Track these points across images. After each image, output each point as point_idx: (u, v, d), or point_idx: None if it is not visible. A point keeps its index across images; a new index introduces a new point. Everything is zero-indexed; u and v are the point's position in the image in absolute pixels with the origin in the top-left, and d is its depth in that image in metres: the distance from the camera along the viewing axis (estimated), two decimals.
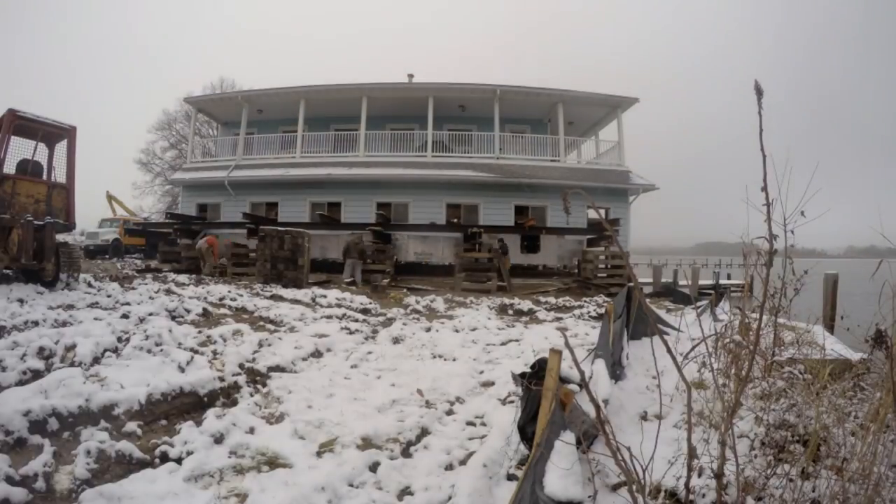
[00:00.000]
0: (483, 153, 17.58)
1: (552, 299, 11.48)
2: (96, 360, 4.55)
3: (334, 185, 17.20)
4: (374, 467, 3.37)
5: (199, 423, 3.87)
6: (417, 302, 10.23)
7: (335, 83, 17.95)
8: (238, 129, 18.74)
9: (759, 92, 1.92)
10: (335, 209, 17.39)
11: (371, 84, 17.74)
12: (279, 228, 12.59)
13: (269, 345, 6.08)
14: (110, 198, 25.80)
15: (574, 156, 20.78)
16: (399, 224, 16.07)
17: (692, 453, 2.10)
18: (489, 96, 17.35)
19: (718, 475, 2.08)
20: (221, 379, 4.69)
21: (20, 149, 7.76)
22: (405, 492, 3.15)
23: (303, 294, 9.98)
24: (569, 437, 2.36)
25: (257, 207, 17.69)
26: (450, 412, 4.51)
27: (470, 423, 4.22)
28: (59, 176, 8.12)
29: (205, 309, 7.29)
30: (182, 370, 4.61)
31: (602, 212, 17.40)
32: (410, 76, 19.59)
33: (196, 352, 5.21)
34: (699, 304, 8.24)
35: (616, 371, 4.30)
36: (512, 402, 4.53)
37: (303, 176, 17.12)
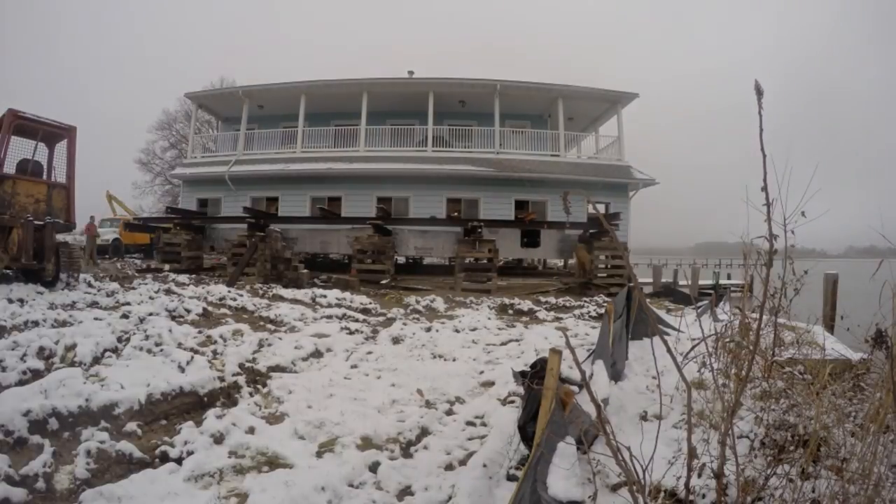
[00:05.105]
0: (483, 148, 17.59)
1: (552, 299, 11.48)
2: (96, 360, 4.55)
3: (335, 180, 17.20)
4: (374, 467, 3.38)
5: (199, 423, 3.88)
6: (417, 302, 10.23)
7: (336, 78, 17.91)
8: (239, 126, 18.73)
9: (759, 92, 1.91)
10: (335, 204, 17.39)
11: (371, 79, 17.71)
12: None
13: (270, 345, 6.08)
14: (110, 198, 25.78)
15: (574, 151, 20.76)
16: (399, 218, 16.08)
17: (692, 453, 2.10)
18: (489, 91, 17.32)
19: (718, 475, 2.08)
20: (221, 379, 4.69)
21: (20, 149, 7.76)
22: (405, 492, 3.15)
23: (303, 294, 9.98)
24: (569, 437, 2.35)
25: (258, 202, 17.68)
26: (450, 412, 4.51)
27: (470, 424, 4.22)
28: (60, 176, 8.12)
29: (205, 309, 7.29)
30: (182, 370, 4.61)
31: (602, 207, 17.38)
32: (411, 72, 19.58)
33: (196, 352, 5.21)
34: (699, 304, 8.23)
35: (616, 371, 4.29)
36: (512, 402, 4.53)
37: (303, 171, 17.12)
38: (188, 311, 6.96)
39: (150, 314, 6.31)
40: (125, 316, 6.06)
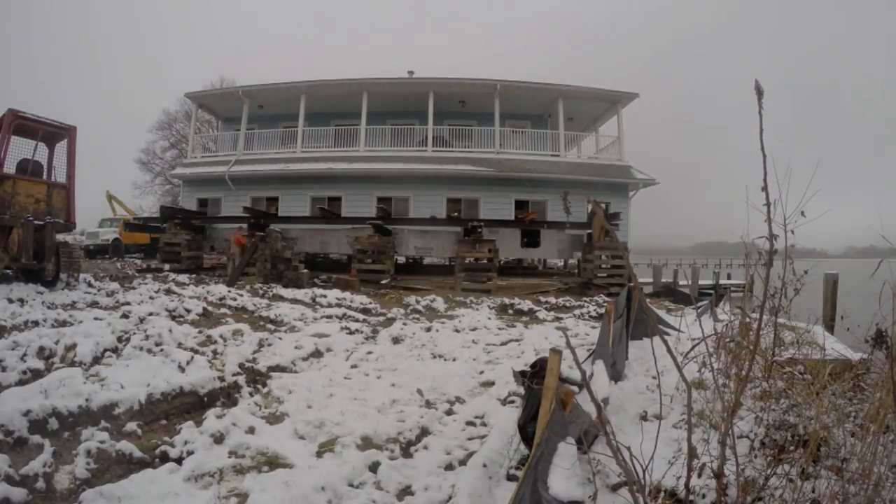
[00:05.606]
0: (483, 148, 17.60)
1: (552, 299, 11.48)
2: (96, 360, 4.55)
3: (335, 180, 17.19)
4: (374, 467, 3.38)
5: (199, 423, 3.88)
6: (417, 302, 10.23)
7: (336, 78, 17.90)
8: (239, 125, 18.74)
9: (759, 92, 1.91)
10: (336, 204, 17.39)
11: (372, 79, 17.70)
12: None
13: (270, 345, 6.08)
14: (110, 198, 25.81)
15: (574, 151, 20.78)
16: (400, 218, 16.09)
17: (692, 453, 2.10)
18: (489, 91, 17.32)
19: (718, 475, 2.08)
20: (221, 379, 4.69)
21: (20, 148, 7.76)
22: (405, 492, 3.15)
23: (303, 294, 9.99)
24: (569, 437, 2.35)
25: (258, 202, 17.67)
26: (450, 412, 4.51)
27: (470, 423, 4.22)
28: (60, 176, 8.12)
29: (205, 309, 7.29)
30: (182, 370, 4.61)
31: (602, 206, 17.38)
32: (411, 72, 19.57)
33: (196, 352, 5.21)
34: (699, 304, 8.23)
35: (616, 371, 4.29)
36: (512, 402, 4.53)
37: (303, 170, 17.12)
38: (188, 310, 6.96)
39: (151, 314, 6.30)
40: (125, 316, 6.06)
